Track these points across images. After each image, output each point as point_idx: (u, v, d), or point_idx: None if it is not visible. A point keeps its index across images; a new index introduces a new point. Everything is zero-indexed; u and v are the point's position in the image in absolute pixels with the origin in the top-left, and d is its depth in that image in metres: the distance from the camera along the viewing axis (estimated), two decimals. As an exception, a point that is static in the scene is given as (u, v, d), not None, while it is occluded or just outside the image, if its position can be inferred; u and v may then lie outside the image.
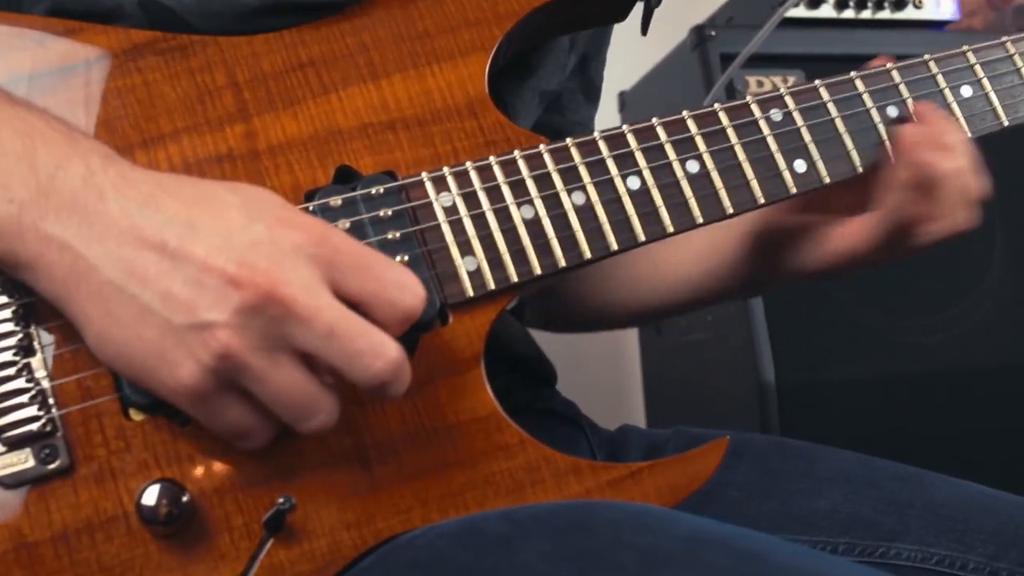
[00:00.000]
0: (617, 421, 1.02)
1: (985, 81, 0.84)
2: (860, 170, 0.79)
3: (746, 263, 0.92)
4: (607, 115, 1.98)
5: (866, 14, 1.67)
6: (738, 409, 1.53)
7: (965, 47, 0.85)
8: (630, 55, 1.95)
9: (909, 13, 1.68)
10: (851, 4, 1.66)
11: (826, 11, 1.66)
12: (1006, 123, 0.84)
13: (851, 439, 1.51)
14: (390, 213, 0.68)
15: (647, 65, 1.83)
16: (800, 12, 1.64)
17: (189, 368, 0.56)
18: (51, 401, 0.61)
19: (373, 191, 0.69)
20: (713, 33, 1.59)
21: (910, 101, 0.82)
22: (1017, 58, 0.86)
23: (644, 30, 0.87)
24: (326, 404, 0.58)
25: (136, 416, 0.62)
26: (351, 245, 0.59)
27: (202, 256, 0.55)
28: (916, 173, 0.78)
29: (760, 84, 1.57)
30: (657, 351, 1.89)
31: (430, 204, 0.69)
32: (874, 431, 1.53)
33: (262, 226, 0.57)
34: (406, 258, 0.67)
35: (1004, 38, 0.87)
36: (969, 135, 0.83)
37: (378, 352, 0.57)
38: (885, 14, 1.68)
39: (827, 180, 0.78)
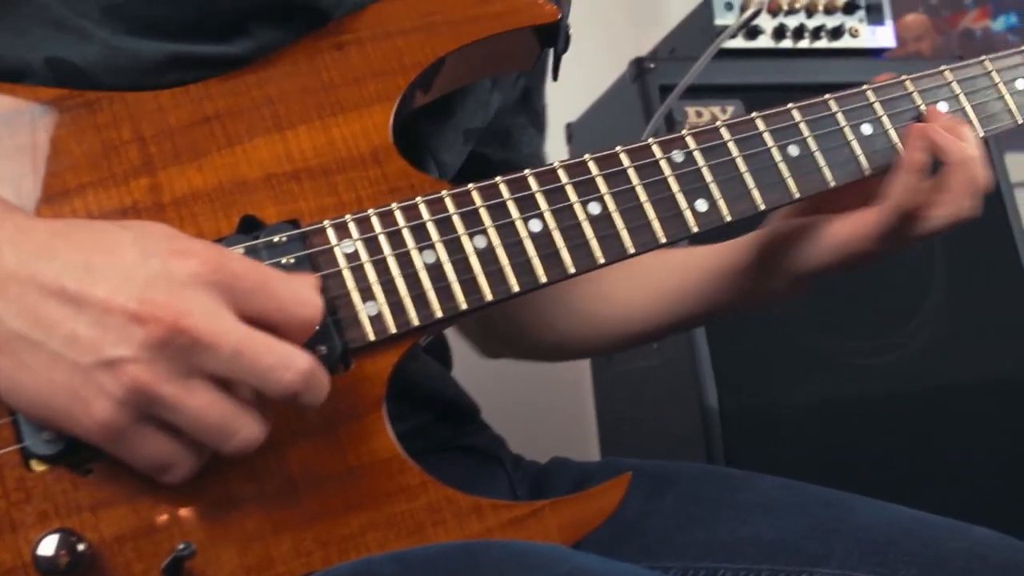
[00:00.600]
0: (572, 449, 1.04)
1: (885, 119, 0.87)
2: (762, 207, 0.82)
3: (734, 282, 0.95)
4: (555, 146, 2.00)
5: (804, 44, 1.70)
6: (684, 435, 1.55)
7: (865, 87, 0.88)
8: (577, 86, 1.98)
9: (846, 42, 1.72)
10: (788, 34, 1.69)
11: (764, 41, 1.69)
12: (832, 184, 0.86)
13: (796, 463, 1.54)
14: (292, 260, 0.70)
15: (593, 96, 1.86)
16: (739, 43, 1.67)
17: (102, 405, 0.57)
18: (-49, 454, 0.62)
19: (275, 239, 0.70)
20: (652, 65, 1.61)
21: (923, 106, 0.88)
22: (916, 96, 0.89)
23: (555, 76, 0.90)
24: (246, 420, 0.60)
25: (38, 467, 0.63)
26: (247, 267, 0.61)
27: (103, 297, 0.57)
28: (927, 156, 0.83)
29: (699, 115, 1.60)
30: (608, 379, 1.91)
31: (331, 250, 0.71)
32: (819, 454, 1.55)
33: (157, 260, 0.59)
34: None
35: (903, 77, 0.89)
36: (869, 171, 0.85)
37: (287, 364, 0.59)
38: (822, 44, 1.71)
39: (729, 218, 0.80)
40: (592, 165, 0.78)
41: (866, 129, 0.86)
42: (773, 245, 0.92)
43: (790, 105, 0.86)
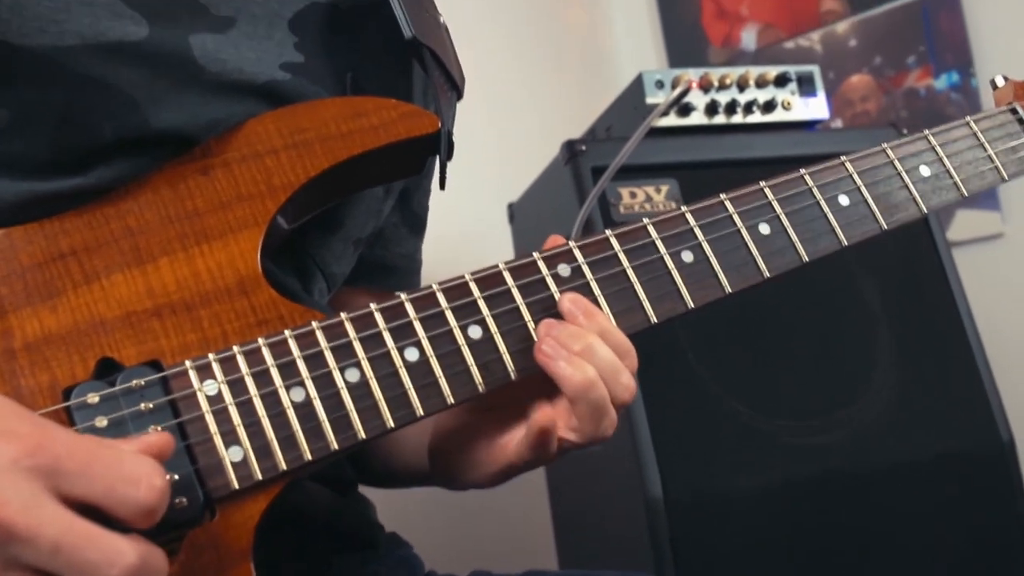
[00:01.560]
0: (530, 547, 0.99)
1: (783, 218, 0.84)
2: (654, 320, 0.78)
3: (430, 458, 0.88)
4: (498, 227, 1.99)
5: (736, 119, 1.69)
6: (629, 525, 1.51)
7: (762, 183, 0.85)
8: (518, 166, 1.97)
9: (779, 115, 1.70)
10: (721, 110, 1.67)
11: (697, 118, 1.67)
12: (806, 259, 0.84)
13: (746, 550, 1.49)
14: (151, 406, 0.66)
15: (533, 175, 1.84)
16: (671, 121, 1.66)
17: None
18: None
19: (134, 383, 0.66)
20: (584, 147, 1.59)
21: (557, 293, 0.76)
22: (815, 190, 0.86)
23: (442, 185, 0.87)
24: None
25: None
26: (73, 447, 0.56)
27: None
28: (546, 432, 0.74)
29: (633, 195, 1.58)
30: (560, 471, 1.86)
31: (193, 394, 0.67)
32: (770, 539, 1.50)
33: None
34: (157, 430, 0.64)
35: (801, 170, 0.87)
36: (768, 274, 0.82)
37: (112, 560, 0.54)
38: (755, 118, 1.70)
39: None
40: (474, 286, 0.75)
41: (765, 229, 0.83)
42: (442, 443, 0.85)
43: (684, 209, 0.83)
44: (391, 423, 0.70)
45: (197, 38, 0.76)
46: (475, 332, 0.74)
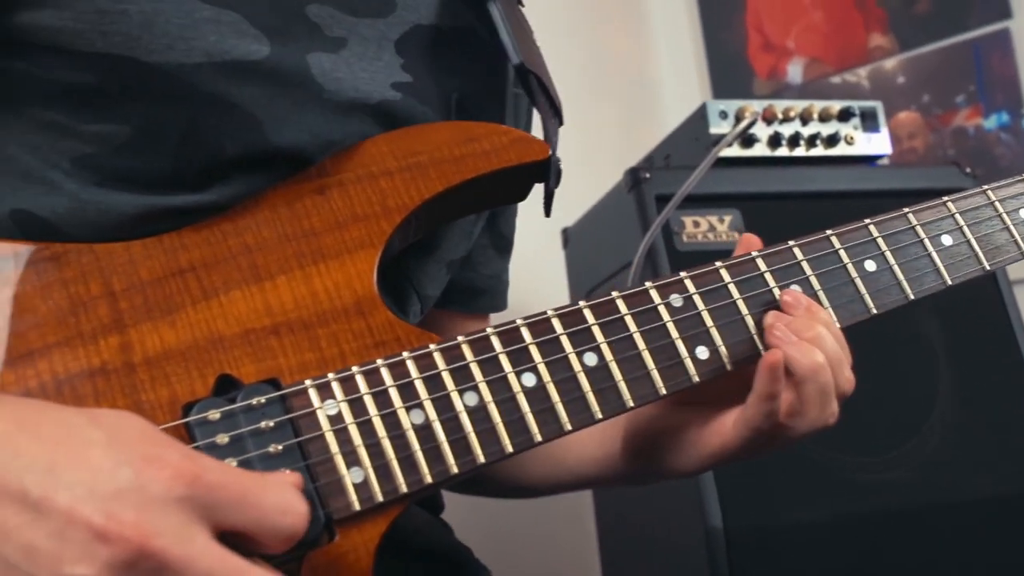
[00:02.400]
0: (572, 565, 0.99)
1: (889, 254, 0.83)
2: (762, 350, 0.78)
3: (625, 461, 0.90)
4: (552, 251, 1.98)
5: (799, 151, 1.69)
6: (688, 557, 1.49)
7: (867, 221, 0.85)
8: (574, 191, 1.97)
9: (841, 149, 1.70)
10: (784, 142, 1.67)
11: (760, 150, 1.67)
12: (912, 296, 0.83)
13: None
14: (272, 424, 0.66)
15: (590, 202, 1.84)
16: (734, 152, 1.66)
17: None
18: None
19: (254, 401, 0.66)
20: (648, 175, 1.59)
21: (776, 290, 0.79)
22: (919, 228, 0.86)
23: (547, 212, 0.86)
24: None
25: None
26: (225, 478, 0.56)
27: (65, 507, 0.52)
28: (776, 369, 0.75)
29: (696, 224, 1.57)
30: (611, 498, 1.85)
31: (314, 413, 0.67)
32: (827, 572, 1.49)
33: (129, 470, 0.53)
34: (287, 472, 0.64)
35: (906, 209, 0.86)
36: (838, 325, 0.81)
37: None
38: (818, 151, 1.69)
39: (730, 366, 0.76)
40: (588, 313, 0.74)
41: (870, 266, 0.83)
42: (644, 442, 0.88)
43: (792, 243, 0.82)
44: (510, 448, 0.69)
45: (314, 57, 0.76)
46: (590, 359, 0.73)
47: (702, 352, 0.76)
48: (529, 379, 0.71)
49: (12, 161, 0.70)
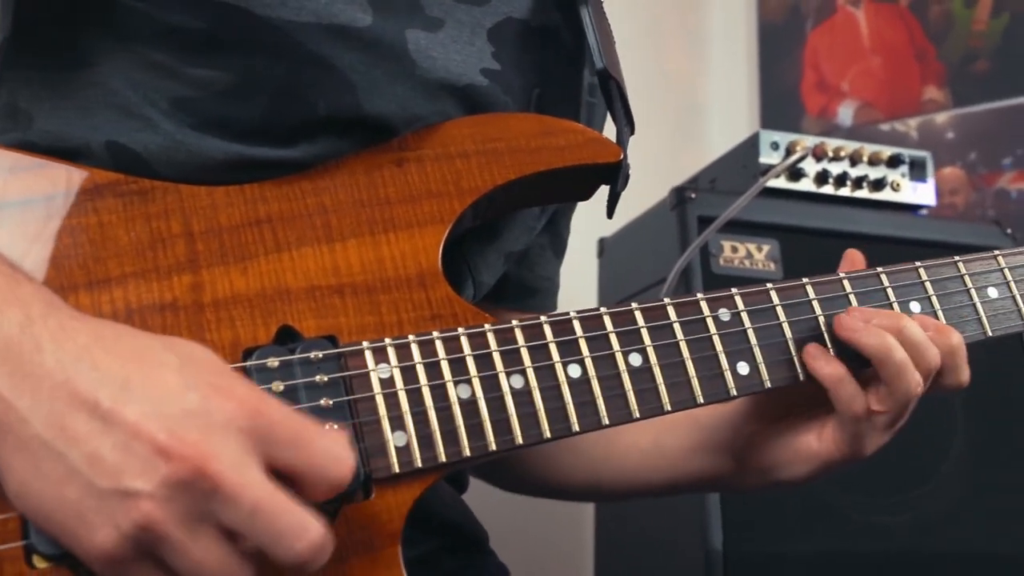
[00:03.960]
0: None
1: (934, 299, 0.85)
2: (802, 379, 0.80)
3: (708, 465, 0.92)
4: (585, 258, 2.00)
5: (844, 191, 1.70)
6: None
7: (918, 264, 0.87)
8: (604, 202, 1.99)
9: (887, 195, 1.72)
10: (831, 180, 1.69)
11: (806, 184, 1.69)
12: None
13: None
14: (326, 379, 0.68)
15: (630, 215, 1.86)
16: (780, 183, 1.67)
17: (107, 533, 0.54)
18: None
19: (312, 355, 0.68)
20: (693, 196, 1.61)
21: (821, 318, 0.81)
22: (967, 278, 0.87)
23: (610, 213, 0.89)
24: None
25: (40, 564, 0.61)
26: (285, 417, 0.59)
27: (133, 421, 0.55)
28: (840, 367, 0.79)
29: (735, 249, 1.59)
30: (611, 513, 1.87)
31: (367, 375, 0.69)
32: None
33: (197, 395, 0.56)
34: (335, 427, 0.66)
35: (956, 258, 0.88)
36: None
37: (300, 533, 0.56)
38: (863, 193, 1.71)
39: (768, 384, 0.79)
40: (639, 315, 0.77)
41: (915, 307, 0.85)
42: (743, 447, 0.89)
43: (841, 275, 0.84)
44: (548, 434, 0.71)
45: (412, 33, 0.79)
46: (635, 360, 0.75)
47: (743, 368, 0.78)
48: (575, 370, 0.73)
49: (115, 95, 0.73)
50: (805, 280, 0.83)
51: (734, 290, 0.81)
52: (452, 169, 0.78)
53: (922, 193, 1.73)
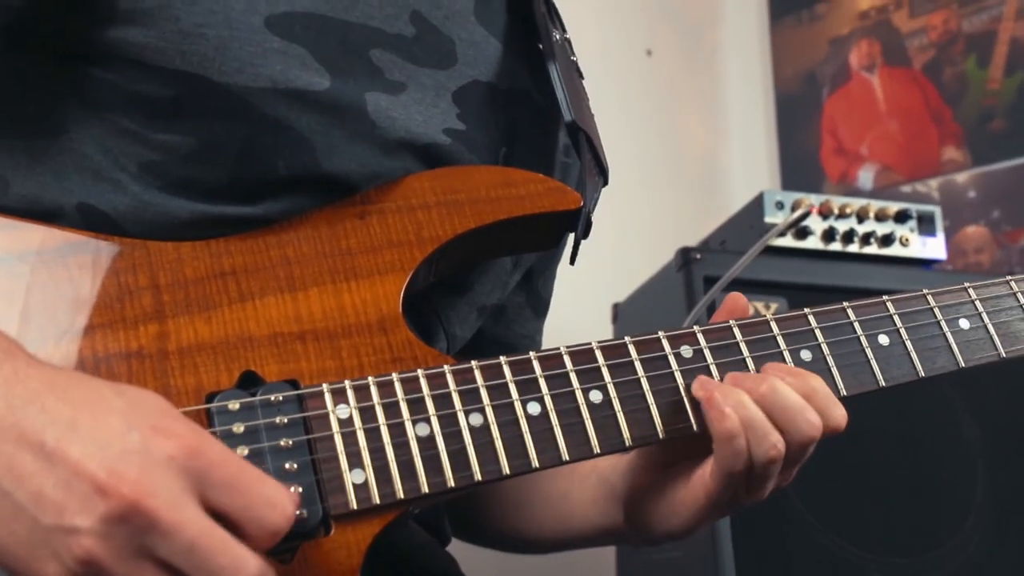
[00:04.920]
0: None
1: (903, 331, 0.86)
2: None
3: (605, 517, 0.93)
4: (600, 325, 2.02)
5: (853, 248, 1.71)
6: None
7: (885, 297, 0.87)
8: (630, 269, 2.01)
9: (896, 250, 1.72)
10: (838, 237, 1.70)
11: (812, 242, 1.70)
12: (922, 373, 0.85)
13: None
14: (286, 420, 0.70)
15: (641, 279, 1.87)
16: (787, 242, 1.68)
17: (54, 568, 0.57)
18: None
19: (272, 398, 0.71)
20: (698, 256, 1.62)
21: (678, 372, 0.80)
22: (937, 310, 0.88)
23: (572, 260, 0.91)
24: None
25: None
26: (225, 458, 0.60)
27: (76, 459, 0.57)
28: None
29: (742, 308, 1.59)
30: (631, 568, 1.84)
31: (326, 415, 0.71)
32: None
33: (138, 435, 0.58)
34: (295, 465, 0.68)
35: (926, 291, 0.89)
36: (844, 392, 0.82)
37: (237, 568, 0.58)
38: (872, 249, 1.71)
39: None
40: (599, 353, 0.78)
41: (883, 340, 0.85)
42: (632, 498, 0.89)
43: (806, 310, 0.85)
44: (507, 469, 0.73)
45: (372, 96, 0.82)
46: (595, 396, 0.76)
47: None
48: (534, 408, 0.75)
49: (86, 159, 0.77)
50: (769, 317, 0.84)
51: (696, 328, 0.82)
52: (413, 220, 0.81)
53: (932, 247, 1.73)
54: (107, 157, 0.77)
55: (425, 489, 0.71)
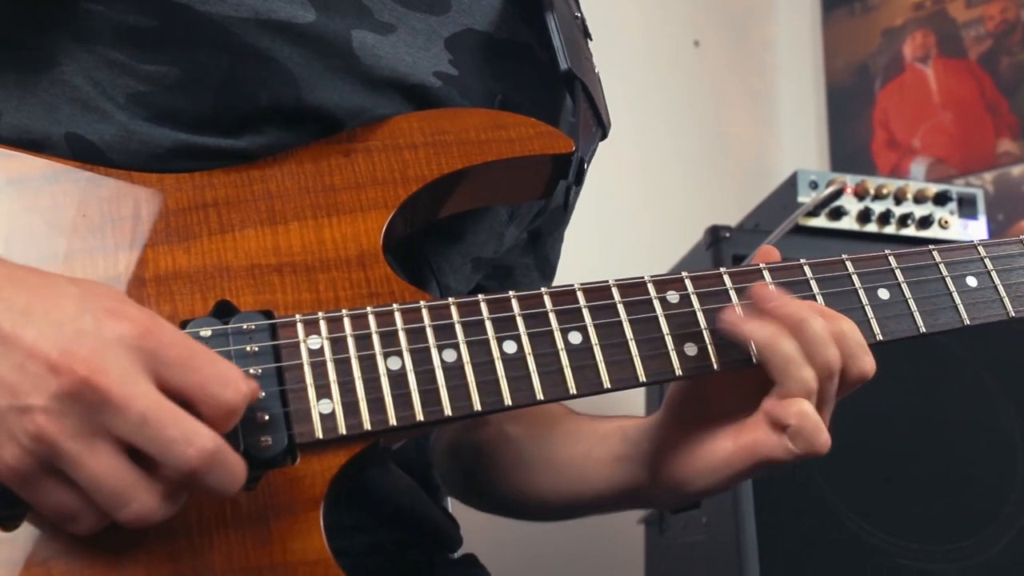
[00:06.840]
0: None
1: (904, 286, 0.83)
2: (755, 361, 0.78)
3: (629, 477, 0.89)
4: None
5: (889, 229, 1.67)
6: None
7: (887, 251, 0.85)
8: (659, 247, 1.99)
9: (935, 232, 1.67)
10: (873, 218, 1.66)
11: (847, 223, 1.66)
12: (923, 329, 0.82)
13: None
14: (256, 349, 0.70)
15: (674, 259, 1.85)
16: (821, 222, 1.65)
17: (10, 449, 0.58)
18: None
19: (245, 326, 0.70)
20: (727, 235, 1.60)
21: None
22: (943, 266, 0.85)
23: (565, 207, 0.89)
24: (141, 494, 0.59)
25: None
26: (176, 339, 0.61)
27: (30, 342, 0.58)
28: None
29: (771, 288, 1.56)
30: (659, 552, 1.82)
31: (297, 345, 0.71)
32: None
33: (90, 317, 0.59)
34: (263, 394, 0.68)
35: (932, 247, 0.86)
36: (881, 337, 0.80)
37: (190, 439, 0.58)
38: (909, 231, 1.67)
39: (717, 367, 0.77)
40: (580, 295, 0.77)
41: (884, 294, 0.83)
42: (660, 459, 0.85)
43: (802, 260, 0.83)
44: (479, 406, 0.71)
45: (358, 33, 0.82)
46: (575, 338, 0.75)
47: (690, 348, 0.77)
48: (510, 346, 0.73)
49: (76, 90, 0.78)
50: (762, 265, 0.82)
51: (684, 274, 0.80)
52: (399, 159, 0.80)
53: (973, 230, 1.68)
54: (96, 88, 0.78)
55: (393, 422, 0.70)
